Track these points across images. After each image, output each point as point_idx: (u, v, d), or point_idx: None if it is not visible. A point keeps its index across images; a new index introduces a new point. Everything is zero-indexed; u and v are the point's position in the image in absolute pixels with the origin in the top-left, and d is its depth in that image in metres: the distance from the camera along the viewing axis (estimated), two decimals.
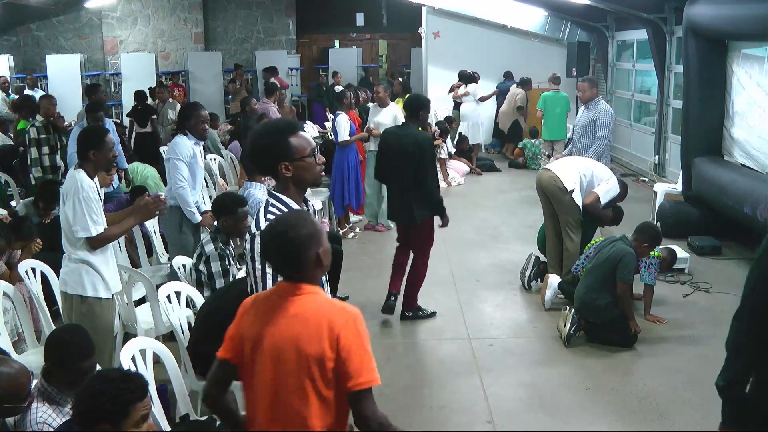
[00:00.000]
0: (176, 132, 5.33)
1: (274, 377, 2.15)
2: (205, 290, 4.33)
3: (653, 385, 4.48)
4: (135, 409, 2.36)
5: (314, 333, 2.10)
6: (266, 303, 2.26)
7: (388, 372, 4.75)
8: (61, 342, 2.80)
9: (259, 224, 2.70)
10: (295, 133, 2.79)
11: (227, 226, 4.48)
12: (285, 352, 2.13)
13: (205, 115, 5.17)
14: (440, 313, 5.71)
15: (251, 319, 2.24)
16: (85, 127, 5.09)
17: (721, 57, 7.66)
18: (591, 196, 5.85)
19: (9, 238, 4.97)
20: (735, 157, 7.53)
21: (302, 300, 2.19)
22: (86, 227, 3.69)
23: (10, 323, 4.39)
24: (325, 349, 2.08)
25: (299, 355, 2.10)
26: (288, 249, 2.20)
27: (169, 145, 5.38)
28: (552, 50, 13.61)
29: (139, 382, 2.40)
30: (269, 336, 2.16)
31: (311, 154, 2.79)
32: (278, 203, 2.76)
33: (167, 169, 5.22)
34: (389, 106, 8.02)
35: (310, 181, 2.83)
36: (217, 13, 16.89)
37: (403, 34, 17.52)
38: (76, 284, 3.80)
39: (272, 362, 2.15)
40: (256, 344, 2.19)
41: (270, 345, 2.16)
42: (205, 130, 5.20)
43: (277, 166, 2.74)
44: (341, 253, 5.91)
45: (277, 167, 2.75)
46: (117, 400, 2.32)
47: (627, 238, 5.22)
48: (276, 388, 2.15)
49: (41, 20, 15.71)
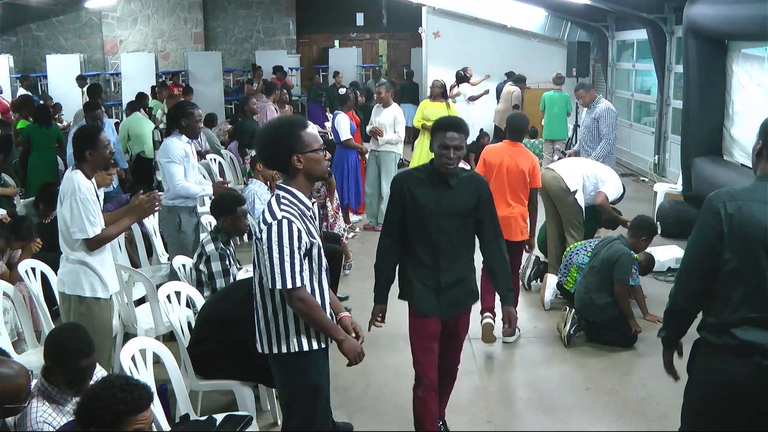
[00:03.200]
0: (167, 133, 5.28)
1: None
2: (205, 290, 4.33)
3: (653, 385, 4.47)
4: (128, 421, 2.32)
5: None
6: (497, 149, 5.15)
7: (388, 372, 4.75)
8: (61, 341, 2.80)
9: (275, 214, 2.78)
10: (306, 127, 2.92)
11: (227, 225, 4.47)
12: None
13: (200, 113, 5.16)
14: None
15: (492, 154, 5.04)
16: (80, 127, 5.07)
17: (721, 57, 7.66)
18: (600, 196, 5.88)
19: (9, 238, 4.97)
20: (735, 157, 7.53)
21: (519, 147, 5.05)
22: (83, 228, 3.68)
23: (10, 323, 4.38)
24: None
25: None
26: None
27: (160, 147, 5.34)
28: (552, 50, 13.61)
29: (138, 394, 2.35)
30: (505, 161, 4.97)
31: (320, 148, 2.90)
32: (289, 195, 2.87)
33: (162, 171, 5.20)
34: (391, 106, 8.03)
35: (319, 174, 2.94)
36: (217, 13, 16.90)
37: (403, 34, 17.53)
38: (74, 285, 3.80)
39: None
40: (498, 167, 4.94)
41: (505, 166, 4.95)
42: (200, 129, 5.18)
43: (290, 158, 2.84)
44: (341, 253, 5.91)
45: (290, 159, 2.85)
46: (109, 409, 2.30)
47: (624, 238, 5.23)
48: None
49: (41, 20, 15.72)
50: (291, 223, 2.76)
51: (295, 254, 2.76)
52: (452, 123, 3.46)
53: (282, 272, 2.74)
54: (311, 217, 2.93)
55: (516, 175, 4.94)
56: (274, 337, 2.93)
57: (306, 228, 2.83)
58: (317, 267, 2.91)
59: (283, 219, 2.76)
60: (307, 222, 2.86)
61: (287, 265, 2.74)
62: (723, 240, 2.46)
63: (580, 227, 5.94)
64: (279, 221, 2.76)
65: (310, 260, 2.86)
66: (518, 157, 4.96)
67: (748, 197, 2.48)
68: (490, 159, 5.03)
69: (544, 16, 13.18)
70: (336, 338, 2.95)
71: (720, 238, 2.46)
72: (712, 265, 2.51)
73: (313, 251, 2.87)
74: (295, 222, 2.78)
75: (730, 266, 2.47)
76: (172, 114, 5.29)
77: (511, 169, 4.93)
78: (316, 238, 2.89)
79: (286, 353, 2.92)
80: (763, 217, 2.42)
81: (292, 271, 2.76)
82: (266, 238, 2.77)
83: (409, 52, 17.33)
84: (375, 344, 5.22)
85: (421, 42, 14.83)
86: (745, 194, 2.50)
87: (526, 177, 4.94)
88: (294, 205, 2.85)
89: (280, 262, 2.74)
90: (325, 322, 2.90)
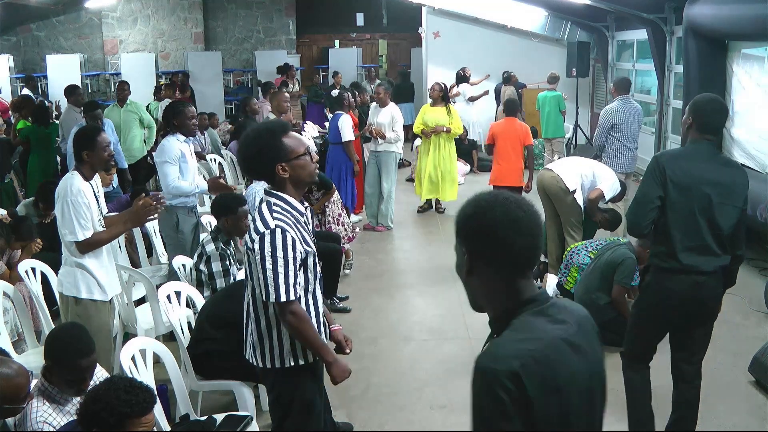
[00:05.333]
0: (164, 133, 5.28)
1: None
2: (205, 290, 4.33)
3: (653, 385, 4.44)
4: (131, 424, 2.32)
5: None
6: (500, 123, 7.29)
7: (388, 372, 4.75)
8: (61, 340, 2.80)
9: (267, 223, 2.65)
10: (287, 133, 2.76)
11: (228, 225, 4.47)
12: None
13: (192, 111, 5.16)
14: (440, 314, 5.71)
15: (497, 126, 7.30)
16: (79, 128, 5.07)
17: (721, 57, 7.66)
18: (595, 192, 5.90)
19: (9, 238, 4.97)
20: (735, 157, 7.53)
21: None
22: (73, 231, 3.65)
23: (10, 323, 4.38)
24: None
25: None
26: None
27: (158, 148, 5.34)
28: (552, 50, 13.60)
29: (142, 397, 2.36)
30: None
31: (306, 153, 2.76)
32: (281, 202, 2.73)
33: (158, 171, 5.21)
34: (389, 106, 8.04)
35: (307, 180, 2.81)
36: (217, 13, 16.88)
37: (403, 34, 17.51)
38: (71, 286, 3.79)
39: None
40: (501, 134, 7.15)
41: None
42: (195, 126, 5.18)
43: (274, 168, 2.71)
44: (341, 253, 5.91)
45: (274, 169, 2.71)
46: (113, 411, 2.30)
47: (632, 245, 5.22)
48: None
49: (41, 20, 15.69)
50: (285, 232, 2.64)
51: (289, 265, 2.64)
52: None
53: (276, 284, 2.63)
54: (305, 223, 2.81)
55: (513, 137, 7.25)
56: (267, 352, 2.83)
57: (301, 236, 2.72)
58: (312, 277, 2.81)
59: (277, 228, 2.64)
60: (301, 229, 2.74)
61: (281, 277, 2.62)
62: (665, 188, 3.23)
63: (579, 227, 5.94)
64: (272, 230, 2.63)
65: (305, 270, 2.76)
66: (513, 126, 7.36)
67: (684, 157, 3.33)
68: (495, 130, 7.44)
69: (544, 16, 13.18)
70: (325, 360, 2.82)
71: (663, 186, 3.23)
72: (655, 205, 3.26)
73: (309, 260, 2.76)
74: (289, 231, 2.65)
75: (672, 210, 3.24)
76: (164, 114, 5.33)
77: (510, 134, 7.25)
78: (310, 246, 2.78)
79: (280, 368, 2.83)
80: (696, 171, 3.23)
81: (287, 284, 2.64)
82: (259, 248, 2.63)
83: (409, 52, 17.30)
84: (375, 344, 5.23)
85: (421, 42, 14.82)
86: (683, 153, 3.40)
87: (520, 138, 7.25)
88: (287, 212, 2.71)
89: (273, 274, 2.62)
90: (316, 341, 2.77)
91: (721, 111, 3.36)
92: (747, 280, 6.44)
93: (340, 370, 2.86)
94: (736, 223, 3.30)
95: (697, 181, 3.21)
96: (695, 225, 3.22)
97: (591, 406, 1.61)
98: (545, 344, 1.54)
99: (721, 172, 3.26)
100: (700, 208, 3.21)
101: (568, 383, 1.53)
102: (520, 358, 1.49)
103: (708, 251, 3.26)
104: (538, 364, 1.49)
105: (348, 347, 3.12)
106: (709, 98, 3.42)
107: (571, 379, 1.54)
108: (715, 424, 4.12)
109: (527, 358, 1.49)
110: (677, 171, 3.23)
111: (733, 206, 3.27)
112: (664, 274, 3.35)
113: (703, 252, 3.25)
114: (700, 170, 3.23)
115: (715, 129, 3.35)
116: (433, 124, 8.23)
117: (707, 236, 3.24)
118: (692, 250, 3.25)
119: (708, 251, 3.26)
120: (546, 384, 1.49)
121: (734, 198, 3.27)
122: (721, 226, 3.24)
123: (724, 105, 3.47)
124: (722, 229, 3.25)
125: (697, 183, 3.21)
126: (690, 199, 3.21)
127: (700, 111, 3.31)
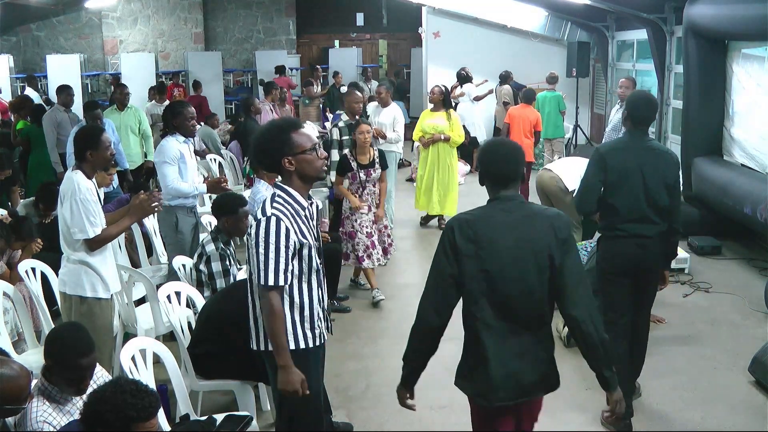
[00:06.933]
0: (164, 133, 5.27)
1: None
2: (205, 290, 4.33)
3: (653, 385, 4.47)
4: (136, 427, 2.33)
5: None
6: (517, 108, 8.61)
7: (388, 372, 4.74)
8: (61, 339, 2.79)
9: (266, 211, 2.83)
10: (297, 129, 2.95)
11: (229, 225, 4.47)
12: None
13: (192, 111, 5.17)
14: None
15: (515, 110, 9.01)
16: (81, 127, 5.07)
17: (721, 57, 7.65)
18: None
19: (9, 238, 4.97)
20: (735, 157, 7.53)
21: None
22: (84, 229, 3.69)
23: (10, 323, 4.39)
24: None
25: None
26: None
27: (157, 148, 5.34)
28: (552, 50, 13.60)
29: (148, 401, 2.36)
30: None
31: (313, 149, 2.92)
32: (284, 194, 2.90)
33: (158, 172, 5.21)
34: (390, 106, 8.01)
35: (312, 174, 2.97)
36: (217, 13, 16.89)
37: (403, 34, 17.52)
38: (75, 285, 3.81)
39: None
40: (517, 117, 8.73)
41: None
42: (194, 126, 5.18)
43: (281, 161, 2.88)
44: (341, 253, 5.91)
45: (280, 162, 2.88)
46: (119, 413, 2.30)
47: None
48: None
49: (41, 20, 15.70)
50: (279, 221, 2.79)
51: (280, 251, 2.78)
52: None
53: (264, 268, 2.77)
54: (306, 217, 2.93)
55: (526, 122, 8.82)
56: (262, 334, 2.94)
57: (297, 228, 2.85)
58: (307, 268, 2.91)
59: (272, 216, 2.80)
60: (299, 222, 2.88)
61: (271, 261, 2.76)
62: (607, 173, 3.84)
63: (578, 227, 5.94)
64: (267, 218, 2.80)
65: (299, 260, 2.87)
66: (528, 112, 8.95)
67: (621, 146, 3.95)
68: (512, 113, 9.05)
69: (544, 16, 13.17)
70: (279, 361, 2.82)
71: (605, 172, 3.84)
72: (597, 188, 3.90)
73: (303, 251, 2.87)
74: (283, 220, 2.81)
75: (615, 190, 3.84)
76: (163, 115, 5.34)
77: (524, 119, 8.82)
78: (307, 239, 2.89)
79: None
80: (631, 156, 3.83)
81: (275, 269, 2.77)
82: (254, 233, 2.82)
83: (409, 52, 17.30)
84: (375, 344, 5.22)
85: (421, 42, 14.81)
86: (619, 143, 4.06)
87: (532, 123, 8.84)
88: (288, 204, 2.87)
89: (264, 258, 2.77)
90: (279, 337, 2.82)
91: (649, 105, 3.93)
92: (747, 280, 6.44)
93: (288, 379, 2.82)
94: (670, 197, 3.88)
95: (633, 165, 3.80)
96: (636, 200, 3.82)
97: (522, 271, 2.60)
98: (477, 215, 2.68)
99: (651, 155, 3.84)
100: (638, 186, 3.80)
101: (483, 239, 2.60)
102: (459, 219, 2.67)
103: (648, 220, 3.85)
104: (466, 223, 2.63)
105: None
106: (641, 95, 4.18)
107: (489, 239, 2.60)
108: (715, 424, 4.12)
109: (462, 220, 2.66)
110: (616, 158, 3.84)
111: (665, 183, 3.84)
112: (613, 240, 3.96)
113: (643, 221, 3.85)
114: (634, 155, 3.83)
115: (646, 120, 3.92)
116: (431, 131, 8.06)
117: (646, 209, 3.83)
118: (635, 221, 3.85)
119: (648, 220, 3.85)
120: (466, 235, 2.61)
121: (665, 176, 3.84)
122: (656, 200, 3.83)
123: (654, 99, 4.06)
124: (657, 202, 3.84)
125: (633, 166, 3.80)
126: (629, 180, 3.81)
127: (632, 106, 3.90)
